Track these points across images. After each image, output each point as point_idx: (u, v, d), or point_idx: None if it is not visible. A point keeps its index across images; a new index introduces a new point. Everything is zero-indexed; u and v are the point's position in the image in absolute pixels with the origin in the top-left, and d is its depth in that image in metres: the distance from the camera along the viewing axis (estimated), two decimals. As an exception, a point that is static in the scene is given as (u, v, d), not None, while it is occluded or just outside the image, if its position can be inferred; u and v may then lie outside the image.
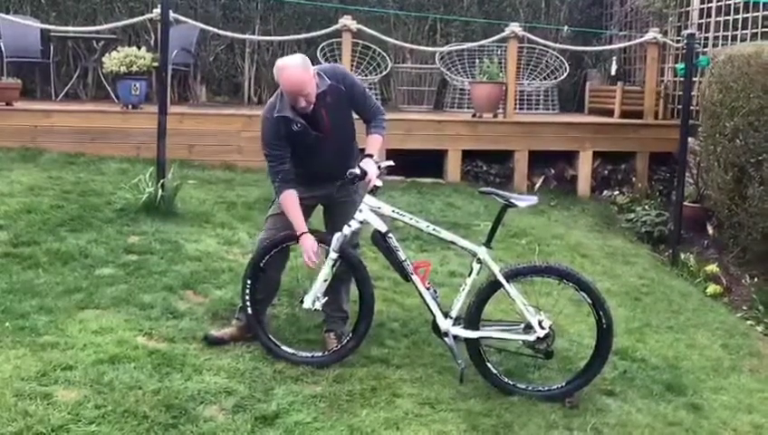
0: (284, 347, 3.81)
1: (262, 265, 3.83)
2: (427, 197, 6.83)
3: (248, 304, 3.83)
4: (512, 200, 3.58)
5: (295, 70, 3.56)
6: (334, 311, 4.01)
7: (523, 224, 6.41)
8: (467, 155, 7.62)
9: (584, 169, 7.83)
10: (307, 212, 3.88)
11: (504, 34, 7.73)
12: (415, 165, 7.12)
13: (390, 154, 4.57)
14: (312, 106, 3.65)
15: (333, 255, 3.69)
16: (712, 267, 6.16)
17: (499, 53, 8.71)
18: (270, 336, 3.84)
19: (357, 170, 3.59)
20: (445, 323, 3.70)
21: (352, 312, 4.02)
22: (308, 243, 3.67)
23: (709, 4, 8.07)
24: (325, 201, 3.95)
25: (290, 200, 3.71)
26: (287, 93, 3.65)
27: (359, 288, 3.84)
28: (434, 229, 3.72)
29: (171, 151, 5.74)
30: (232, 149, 7.01)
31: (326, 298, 3.76)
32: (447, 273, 5.15)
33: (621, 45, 9.01)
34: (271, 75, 3.69)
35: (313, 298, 3.73)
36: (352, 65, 8.06)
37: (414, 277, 3.72)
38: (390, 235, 3.71)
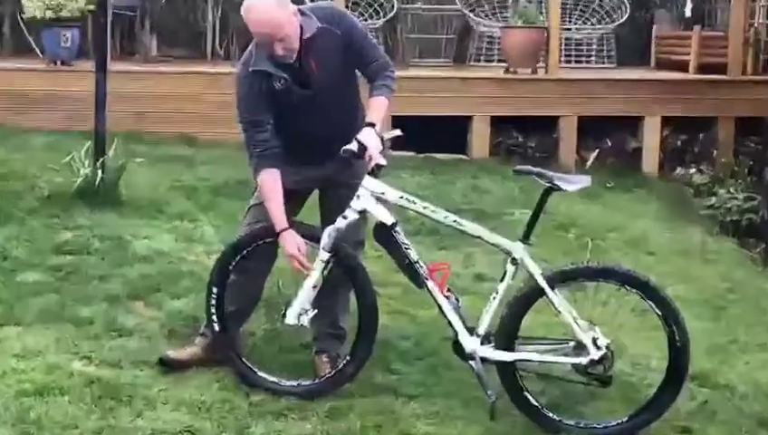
0: (263, 373, 3.73)
1: (231, 267, 3.77)
2: (445, 178, 6.79)
3: (215, 318, 3.76)
4: (557, 182, 3.50)
5: (265, 6, 3.52)
6: (326, 327, 3.93)
7: (572, 212, 6.38)
8: (498, 123, 7.57)
9: (651, 139, 7.84)
10: (298, 201, 3.83)
11: (544, -35, 8.10)
12: (430, 136, 7.06)
13: (398, 122, 4.53)
14: (295, 55, 3.60)
15: (324, 255, 3.63)
16: (817, 267, 6.34)
17: (539, -11, 8.99)
18: (244, 359, 3.76)
19: (353, 145, 3.53)
20: (470, 342, 3.59)
21: (351, 328, 3.91)
22: (290, 242, 3.62)
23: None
24: (321, 185, 3.90)
25: (269, 182, 3.64)
26: (257, 38, 3.61)
27: (358, 298, 3.76)
28: (455, 221, 3.64)
29: (113, 121, 5.68)
30: (192, 118, 7.04)
31: (316, 311, 3.69)
32: (473, 277, 5.06)
33: (698, -22, 9.36)
34: (242, 22, 3.68)
35: (299, 311, 3.65)
36: (347, 6, 7.96)
37: (429, 283, 3.63)
38: (398, 228, 3.63)
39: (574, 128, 7.70)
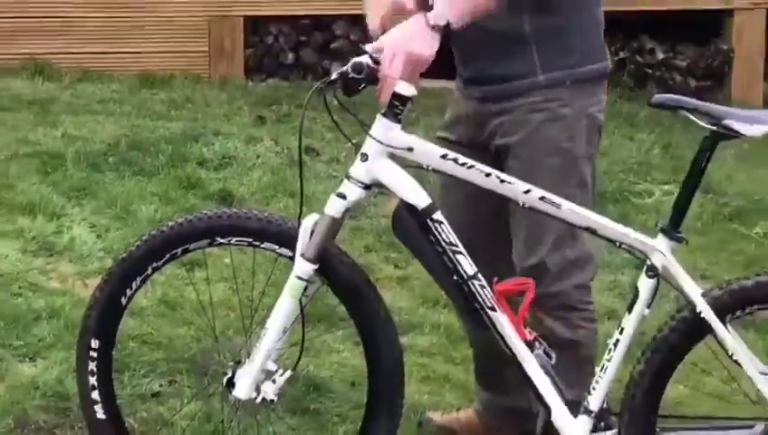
0: None
1: (126, 300, 3.48)
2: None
3: (97, 398, 3.56)
4: (728, 123, 3.39)
5: None
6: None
7: (755, 184, 6.34)
8: (616, 27, 7.44)
9: None
10: None
11: None
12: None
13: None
14: None
15: (303, 267, 3.42)
16: None
17: None
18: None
19: (365, 58, 3.37)
20: (574, 427, 3.42)
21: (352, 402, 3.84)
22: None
23: None
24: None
25: None
26: None
27: (367, 349, 3.63)
28: (543, 199, 3.42)
29: None
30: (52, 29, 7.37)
31: (290, 372, 3.52)
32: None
33: None
34: None
35: (259, 373, 3.43)
36: None
37: (497, 316, 3.38)
38: (439, 216, 3.40)
39: (761, 29, 7.82)
